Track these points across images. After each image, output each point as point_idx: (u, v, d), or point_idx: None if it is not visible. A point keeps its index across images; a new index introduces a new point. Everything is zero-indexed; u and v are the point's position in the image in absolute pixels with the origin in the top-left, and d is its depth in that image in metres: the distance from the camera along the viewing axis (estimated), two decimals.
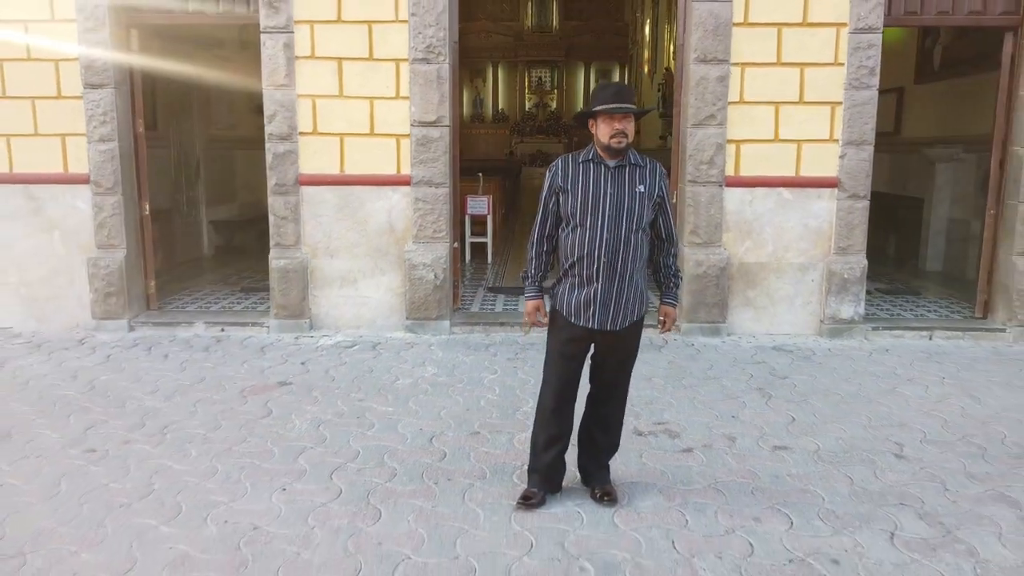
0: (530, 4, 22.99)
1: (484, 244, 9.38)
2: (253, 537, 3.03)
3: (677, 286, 3.35)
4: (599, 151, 3.14)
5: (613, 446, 3.45)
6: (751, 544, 3.00)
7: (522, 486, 3.42)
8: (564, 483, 3.41)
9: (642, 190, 3.12)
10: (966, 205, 8.34)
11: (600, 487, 3.36)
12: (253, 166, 11.43)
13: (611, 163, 3.12)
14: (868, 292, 7.22)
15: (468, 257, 9.21)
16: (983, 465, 3.75)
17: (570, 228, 3.14)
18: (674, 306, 3.35)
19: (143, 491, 3.44)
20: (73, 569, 2.81)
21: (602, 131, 3.08)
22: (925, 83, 9.41)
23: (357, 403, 4.59)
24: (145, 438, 4.05)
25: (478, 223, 9.47)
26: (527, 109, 22.88)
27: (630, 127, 3.08)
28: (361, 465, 3.72)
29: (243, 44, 10.67)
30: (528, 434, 3.52)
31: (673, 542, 3.01)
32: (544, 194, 3.22)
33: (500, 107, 23.05)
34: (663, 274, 3.33)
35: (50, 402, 4.60)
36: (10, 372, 5.20)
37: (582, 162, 3.16)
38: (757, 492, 3.45)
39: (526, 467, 3.45)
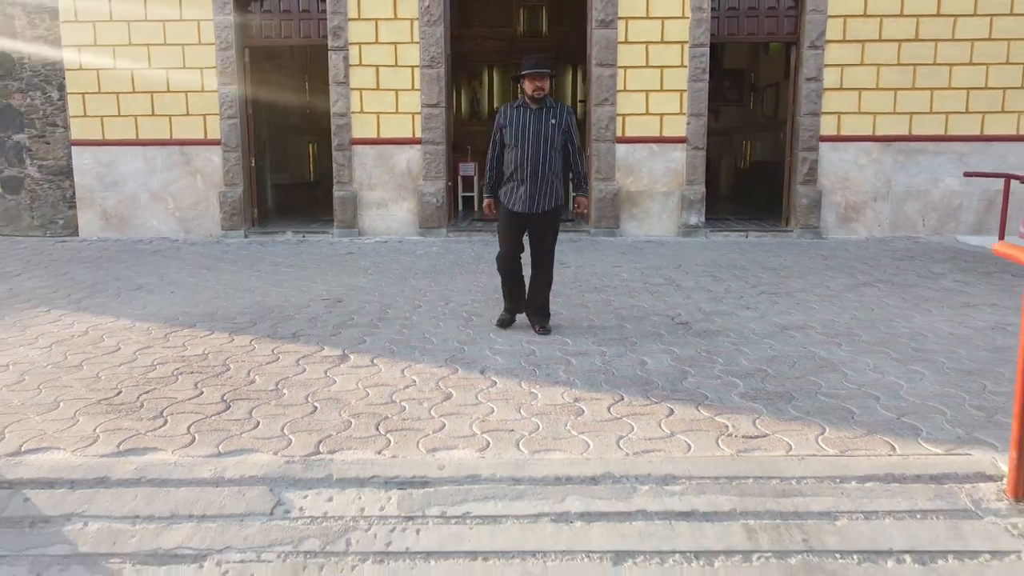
0: (522, 11, 26.35)
1: (471, 197, 12.99)
2: (358, 290, 6.63)
3: (584, 184, 4.93)
4: (526, 99, 4.76)
5: (545, 303, 5.04)
6: (586, 283, 6.60)
7: (476, 274, 7.03)
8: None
9: (554, 123, 4.70)
10: None
11: (539, 324, 4.99)
12: (301, 147, 15.11)
13: (534, 107, 4.72)
14: (727, 219, 10.81)
15: (461, 206, 12.80)
16: (718, 271, 7.34)
17: (508, 149, 4.78)
18: (584, 196, 4.99)
19: (299, 279, 7.04)
20: (293, 283, 6.41)
21: (527, 86, 4.67)
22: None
23: (393, 258, 8.22)
24: (283, 268, 7.66)
25: (467, 183, 13.06)
26: None
27: (545, 84, 4.70)
28: (399, 271, 7.34)
29: (292, 56, 14.32)
30: (482, 269, 7.07)
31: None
32: (494, 129, 4.88)
33: (495, 106, 26.49)
34: (572, 175, 4.90)
35: (219, 259, 8.22)
36: (188, 252, 8.83)
37: (516, 107, 4.77)
38: (593, 277, 7.05)
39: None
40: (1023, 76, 9.24)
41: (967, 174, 9.02)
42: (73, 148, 9.78)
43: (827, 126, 9.47)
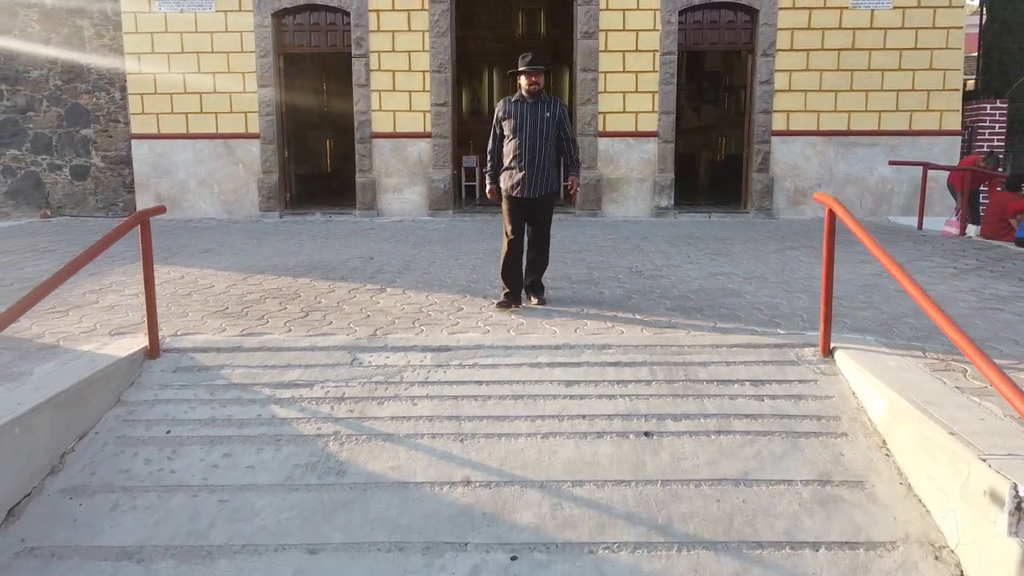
0: (521, 14, 27.84)
1: (473, 186, 14.60)
2: (384, 252, 8.23)
3: (575, 167, 5.36)
4: (523, 94, 5.23)
5: (540, 274, 5.57)
6: (567, 248, 8.20)
7: (479, 243, 8.63)
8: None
9: (548, 116, 5.17)
10: None
11: (536, 296, 5.55)
12: (318, 141, 16.69)
13: (530, 101, 5.18)
14: (697, 204, 12.39)
15: (464, 194, 14.41)
16: (676, 240, 8.94)
17: (507, 140, 5.27)
18: (576, 176, 5.35)
19: (334, 245, 8.64)
20: (331, 248, 8.01)
21: (523, 83, 5.15)
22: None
23: (409, 232, 9.82)
24: (319, 239, 9.26)
25: (469, 174, 14.66)
26: None
27: (540, 79, 5.16)
28: (415, 240, 8.94)
29: (312, 61, 15.88)
30: (484, 239, 8.67)
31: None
32: (494, 122, 5.37)
33: (495, 105, 27.93)
34: (565, 160, 5.38)
35: (263, 233, 9.82)
36: (235, 228, 10.42)
37: (514, 102, 5.22)
38: (573, 244, 8.64)
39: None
40: (944, 80, 10.84)
41: (892, 162, 10.62)
42: (132, 141, 11.37)
43: (778, 122, 11.07)
